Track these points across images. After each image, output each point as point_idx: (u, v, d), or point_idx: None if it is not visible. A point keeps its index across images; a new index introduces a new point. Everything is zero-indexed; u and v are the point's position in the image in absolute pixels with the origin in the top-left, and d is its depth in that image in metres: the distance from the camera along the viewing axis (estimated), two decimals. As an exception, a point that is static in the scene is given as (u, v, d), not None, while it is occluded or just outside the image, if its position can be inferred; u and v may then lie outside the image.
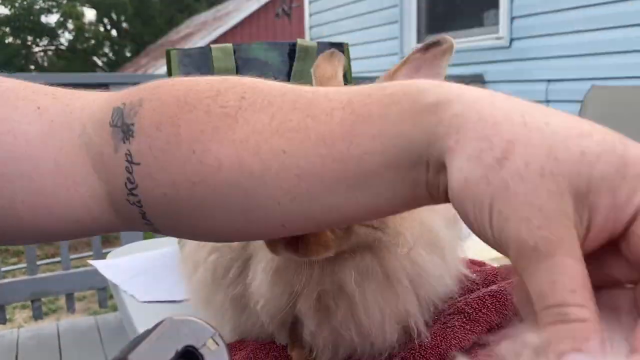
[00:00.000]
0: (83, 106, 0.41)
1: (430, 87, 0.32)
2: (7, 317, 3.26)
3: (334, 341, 0.59)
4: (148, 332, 0.31)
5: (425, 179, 0.32)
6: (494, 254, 1.07)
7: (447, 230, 0.60)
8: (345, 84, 1.17)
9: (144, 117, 0.37)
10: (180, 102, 0.36)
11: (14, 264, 5.24)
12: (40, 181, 0.39)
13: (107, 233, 0.45)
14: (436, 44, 0.61)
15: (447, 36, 0.59)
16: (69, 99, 0.43)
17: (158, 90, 0.38)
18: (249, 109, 0.35)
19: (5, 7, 23.07)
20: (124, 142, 0.38)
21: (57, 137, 0.40)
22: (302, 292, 0.56)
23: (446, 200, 0.33)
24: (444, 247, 0.59)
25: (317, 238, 0.49)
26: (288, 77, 1.11)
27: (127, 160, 0.38)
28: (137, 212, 0.39)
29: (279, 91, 0.36)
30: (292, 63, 1.11)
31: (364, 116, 0.32)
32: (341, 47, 1.18)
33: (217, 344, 0.33)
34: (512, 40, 4.02)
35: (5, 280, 3.08)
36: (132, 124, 0.38)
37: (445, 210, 0.60)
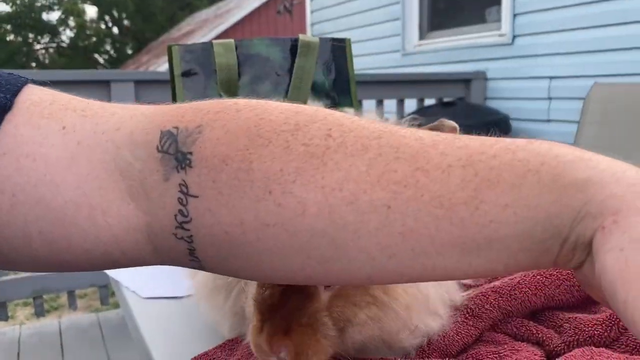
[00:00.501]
0: (117, 126, 0.36)
1: (577, 159, 0.31)
2: (9, 314, 3.27)
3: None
4: None
5: (558, 251, 0.30)
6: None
7: (440, 288, 0.61)
8: (347, 80, 1.17)
9: (206, 147, 0.33)
10: (252, 134, 0.33)
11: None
12: (60, 210, 0.35)
13: (135, 266, 0.40)
14: (437, 127, 0.58)
15: (445, 120, 0.55)
16: (100, 116, 0.38)
17: (221, 116, 0.34)
18: (339, 150, 0.32)
19: (7, 4, 23.05)
20: (178, 171, 0.34)
21: (83, 161, 0.35)
22: None
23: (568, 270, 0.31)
24: (436, 309, 0.60)
25: (315, 348, 0.49)
26: (290, 73, 1.11)
27: (182, 192, 0.34)
28: (184, 248, 0.36)
29: (372, 133, 0.33)
30: (294, 59, 1.11)
31: (491, 181, 0.30)
32: (343, 42, 1.18)
33: None
34: (514, 37, 4.01)
35: (7, 278, 3.08)
36: (190, 153, 0.34)
37: None
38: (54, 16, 25.67)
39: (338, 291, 0.53)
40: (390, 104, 3.69)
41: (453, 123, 0.55)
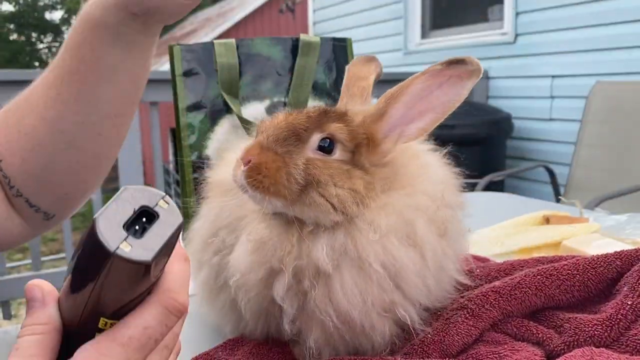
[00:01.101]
0: None
1: None
2: (12, 312, 3.28)
3: (319, 334, 0.59)
4: (111, 201, 0.38)
5: None
6: (498, 249, 1.07)
7: (430, 232, 0.60)
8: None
9: None
10: None
11: (19, 260, 5.26)
12: None
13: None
14: (461, 62, 0.61)
15: (473, 58, 0.59)
16: None
17: None
18: None
19: (10, 3, 23.09)
20: None
21: None
22: (279, 270, 0.58)
23: None
24: (422, 245, 0.59)
25: (273, 181, 0.56)
26: (291, 72, 1.11)
27: None
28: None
29: None
30: (295, 58, 1.11)
31: None
32: (344, 42, 1.18)
33: (167, 203, 0.39)
34: (516, 35, 4.00)
35: (10, 276, 3.09)
36: None
37: (433, 213, 0.60)
38: (56, 15, 25.74)
39: (326, 162, 0.59)
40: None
41: (478, 62, 0.60)
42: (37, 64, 24.59)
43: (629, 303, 0.61)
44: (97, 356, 0.39)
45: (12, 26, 23.34)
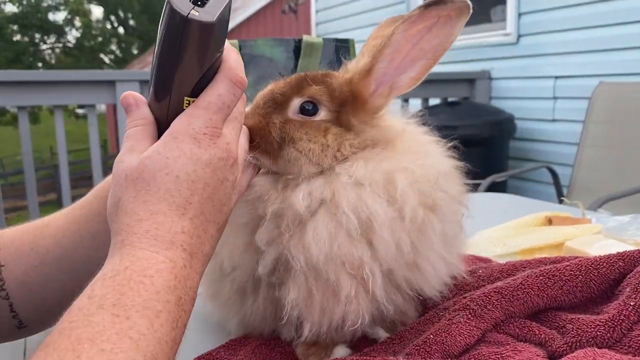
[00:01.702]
0: None
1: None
2: (16, 312, 3.28)
3: (295, 293, 0.59)
4: None
5: None
6: (500, 250, 1.07)
7: (413, 195, 0.59)
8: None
9: None
10: None
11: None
12: None
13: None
14: (442, 2, 0.61)
15: None
16: None
17: None
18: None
19: (14, 4, 23.16)
20: None
21: None
22: (262, 215, 0.60)
23: None
24: (401, 204, 0.58)
25: (265, 140, 0.61)
26: (294, 73, 1.11)
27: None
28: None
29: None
30: (298, 59, 1.11)
31: None
32: (347, 43, 1.18)
33: None
34: (519, 36, 3.99)
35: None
36: None
37: (422, 184, 0.60)
38: (60, 16, 25.76)
39: (304, 122, 0.62)
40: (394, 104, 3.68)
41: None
42: (40, 64, 24.66)
43: (632, 304, 0.61)
44: (188, 119, 0.53)
45: (15, 27, 23.41)
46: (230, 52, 0.56)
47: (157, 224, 0.50)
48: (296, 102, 0.64)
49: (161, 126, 0.55)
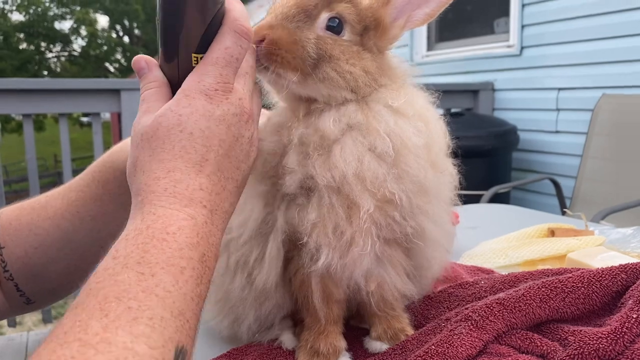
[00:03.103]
0: None
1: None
2: (17, 320, 3.28)
3: (316, 211, 0.59)
4: None
5: None
6: (502, 261, 1.07)
7: (440, 138, 0.64)
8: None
9: None
10: None
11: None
12: None
13: None
14: None
15: None
16: None
17: None
18: None
19: (20, 13, 23.37)
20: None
21: None
22: (289, 143, 0.61)
23: None
24: (430, 140, 0.61)
25: (293, 54, 0.58)
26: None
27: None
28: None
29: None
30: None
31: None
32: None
33: None
34: (522, 48, 4.01)
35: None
36: None
37: (425, 138, 0.62)
38: (66, 25, 25.97)
39: (336, 40, 0.60)
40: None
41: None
42: (45, 72, 24.82)
43: (634, 316, 0.60)
44: (198, 76, 0.53)
45: (22, 35, 23.60)
46: (234, 3, 0.57)
47: (174, 182, 0.49)
48: (324, 17, 0.61)
49: (174, 87, 0.56)
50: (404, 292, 0.68)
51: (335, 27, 0.61)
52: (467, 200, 0.74)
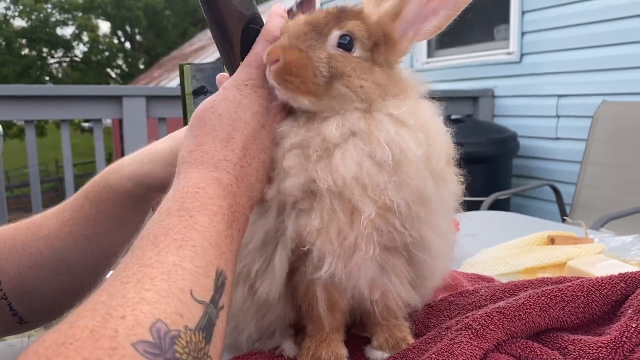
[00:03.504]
0: None
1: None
2: (17, 325, 3.27)
3: (318, 218, 0.60)
4: None
5: None
6: (503, 269, 1.07)
7: (443, 149, 0.64)
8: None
9: None
10: None
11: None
12: None
13: None
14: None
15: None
16: None
17: None
18: None
19: (22, 19, 23.47)
20: None
21: None
22: (290, 147, 0.61)
23: None
24: (431, 149, 0.61)
25: (303, 79, 0.59)
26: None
27: None
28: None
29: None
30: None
31: None
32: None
33: None
34: (522, 55, 4.03)
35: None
36: None
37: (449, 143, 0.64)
38: (68, 31, 26.10)
39: (347, 57, 0.61)
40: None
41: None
42: (47, 78, 24.90)
43: (634, 326, 0.61)
44: (235, 75, 0.63)
45: (24, 41, 23.69)
46: (273, 17, 0.65)
47: (203, 153, 0.58)
48: (335, 35, 0.62)
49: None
50: (407, 301, 0.68)
51: (346, 44, 0.62)
52: (467, 206, 0.74)
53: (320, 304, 0.65)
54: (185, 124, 1.07)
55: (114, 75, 26.75)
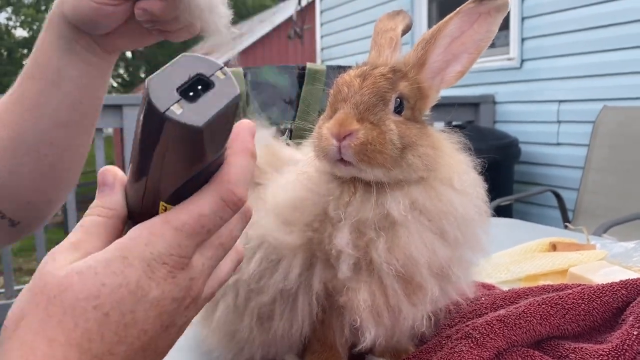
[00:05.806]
0: None
1: None
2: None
3: (366, 293, 0.57)
4: (167, 65, 0.37)
5: None
6: (504, 276, 1.06)
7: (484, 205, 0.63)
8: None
9: None
10: None
11: (27, 282, 5.25)
12: None
13: None
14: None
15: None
16: None
17: None
18: None
19: (24, 29, 23.61)
20: None
21: None
22: (338, 220, 0.57)
23: None
24: (484, 213, 0.61)
25: (385, 155, 0.55)
26: (297, 100, 1.13)
27: None
28: None
29: None
30: (302, 86, 1.13)
31: None
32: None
33: (224, 74, 0.37)
34: (523, 61, 4.03)
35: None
36: None
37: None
38: (69, 41, 26.17)
39: (406, 124, 0.58)
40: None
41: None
42: (49, 88, 24.96)
43: (635, 333, 0.60)
44: (148, 235, 0.40)
45: (25, 51, 23.79)
46: (239, 156, 0.42)
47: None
48: (393, 99, 0.59)
49: (134, 214, 0.44)
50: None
51: (398, 107, 0.59)
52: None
53: (339, 338, 0.65)
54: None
55: (115, 84, 26.85)
